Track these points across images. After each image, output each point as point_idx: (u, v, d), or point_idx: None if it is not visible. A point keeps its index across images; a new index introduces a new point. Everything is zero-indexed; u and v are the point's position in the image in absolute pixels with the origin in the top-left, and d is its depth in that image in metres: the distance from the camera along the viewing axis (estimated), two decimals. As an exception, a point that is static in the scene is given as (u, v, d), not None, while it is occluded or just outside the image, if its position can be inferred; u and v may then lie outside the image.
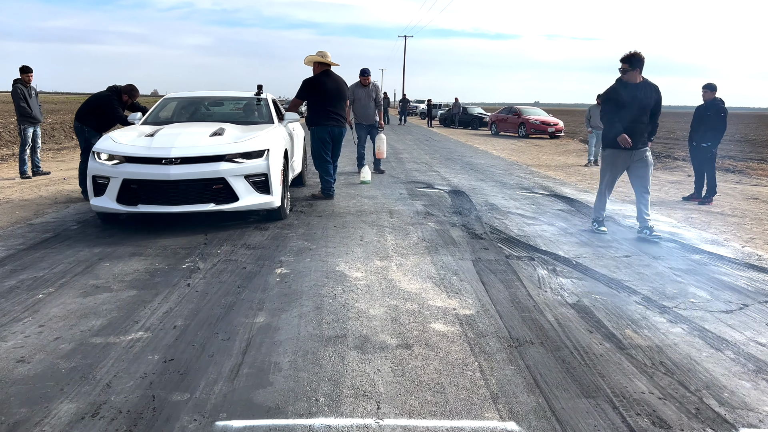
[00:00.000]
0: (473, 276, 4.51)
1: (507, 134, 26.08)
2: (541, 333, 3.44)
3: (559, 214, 7.15)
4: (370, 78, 10.07)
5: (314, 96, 7.54)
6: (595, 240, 5.82)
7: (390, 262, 4.85)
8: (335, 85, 7.65)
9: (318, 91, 7.52)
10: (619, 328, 3.55)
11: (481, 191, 8.88)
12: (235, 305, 3.76)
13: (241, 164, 5.54)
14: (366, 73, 10.03)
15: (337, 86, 7.67)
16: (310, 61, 7.67)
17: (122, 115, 7.61)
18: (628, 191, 9.43)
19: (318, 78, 7.58)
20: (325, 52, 7.65)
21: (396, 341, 3.25)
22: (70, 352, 3.04)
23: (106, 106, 7.58)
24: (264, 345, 3.17)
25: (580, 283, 4.42)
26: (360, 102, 10.00)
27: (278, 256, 4.93)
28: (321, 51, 7.69)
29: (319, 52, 7.65)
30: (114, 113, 7.58)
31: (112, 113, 7.58)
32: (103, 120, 7.67)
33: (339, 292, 4.04)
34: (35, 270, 4.47)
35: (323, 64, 7.62)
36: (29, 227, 5.97)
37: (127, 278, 4.29)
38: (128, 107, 7.99)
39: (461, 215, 6.92)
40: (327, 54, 7.65)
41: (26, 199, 7.66)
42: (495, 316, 3.69)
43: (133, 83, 8.09)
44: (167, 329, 3.35)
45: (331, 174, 7.81)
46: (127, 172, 5.33)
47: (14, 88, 9.54)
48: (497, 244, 5.53)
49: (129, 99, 7.82)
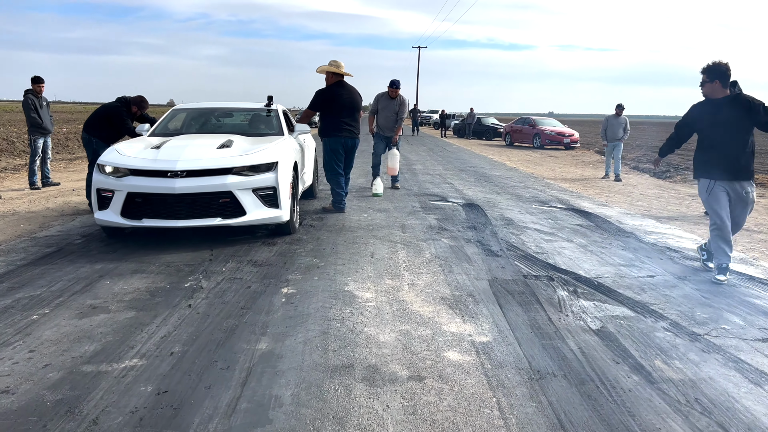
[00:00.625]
0: (489, 297, 4.27)
1: (521, 145, 25.80)
2: (563, 363, 3.19)
3: (577, 230, 6.88)
4: (398, 91, 9.59)
5: (327, 107, 7.37)
6: (617, 259, 5.55)
7: (401, 281, 4.63)
8: (349, 96, 7.48)
9: (331, 102, 7.35)
10: (647, 358, 3.30)
11: (497, 205, 8.64)
12: (237, 329, 3.55)
13: (248, 177, 5.35)
14: (395, 85, 9.53)
15: (350, 97, 7.50)
16: (323, 70, 7.51)
17: (131, 126, 7.47)
18: (648, 205, 9.14)
19: (331, 89, 7.41)
20: (339, 62, 7.48)
21: (407, 372, 3.02)
22: (58, 381, 2.84)
23: (115, 118, 7.45)
24: (265, 375, 2.95)
25: (604, 306, 4.17)
26: (384, 113, 9.66)
27: (285, 274, 4.72)
28: (334, 61, 7.51)
29: (333, 62, 7.48)
30: (123, 125, 7.45)
31: (121, 125, 7.45)
32: (112, 131, 7.53)
33: (347, 315, 3.82)
34: (33, 288, 4.30)
35: (337, 74, 7.44)
36: (32, 241, 5.82)
37: (126, 298, 4.10)
38: (137, 119, 7.86)
39: (476, 230, 6.68)
40: (341, 64, 7.47)
41: (33, 211, 7.53)
42: (513, 343, 3.45)
43: (143, 95, 7.96)
44: (164, 356, 3.15)
45: (343, 187, 7.62)
46: (131, 185, 5.16)
47: (25, 98, 9.48)
48: (514, 262, 5.29)
49: (138, 110, 7.69)
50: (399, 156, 9.77)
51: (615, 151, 13.06)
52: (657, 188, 11.81)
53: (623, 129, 13.10)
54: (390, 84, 9.61)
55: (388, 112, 9.61)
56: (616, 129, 13.05)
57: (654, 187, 12.06)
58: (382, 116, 9.69)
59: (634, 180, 13.39)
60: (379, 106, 9.66)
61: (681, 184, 12.57)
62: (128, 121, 7.51)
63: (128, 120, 7.51)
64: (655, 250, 5.94)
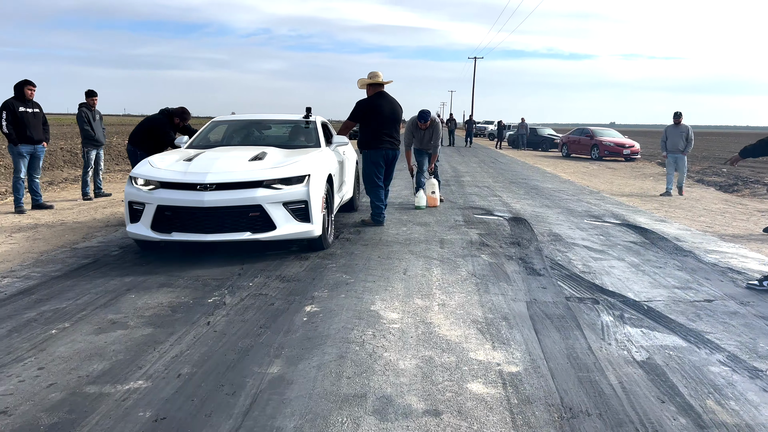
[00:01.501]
0: (525, 322, 3.96)
1: (579, 156, 25.00)
2: (600, 400, 2.86)
3: (631, 248, 6.44)
4: (428, 124, 9.08)
5: (369, 118, 7.21)
6: (672, 280, 5.12)
7: (432, 301, 4.37)
8: (390, 107, 7.32)
9: (373, 113, 7.20)
10: (698, 397, 2.93)
11: (545, 219, 8.25)
12: (252, 350, 3.39)
13: (279, 190, 5.22)
14: (425, 118, 8.98)
15: (392, 108, 7.34)
16: (363, 84, 7.37)
17: (173, 138, 7.52)
18: (711, 221, 8.54)
19: (372, 100, 7.26)
20: (377, 72, 7.32)
21: (423, 405, 2.77)
22: (58, 403, 2.73)
23: (158, 130, 7.52)
24: (270, 404, 2.76)
25: (652, 334, 3.79)
26: (418, 138, 9.28)
27: (311, 291, 4.55)
28: (372, 72, 7.36)
29: (371, 74, 7.34)
30: (165, 136, 7.51)
31: (164, 136, 7.51)
32: (155, 143, 7.60)
33: (368, 338, 3.60)
34: (59, 300, 4.28)
35: (376, 84, 7.29)
36: (72, 252, 5.88)
37: (147, 313, 4.02)
38: (180, 130, 7.92)
39: (519, 246, 6.35)
40: (379, 74, 7.31)
41: (79, 222, 7.68)
42: (546, 375, 3.14)
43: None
44: (170, 378, 3.01)
45: (382, 199, 7.43)
46: (161, 198, 5.12)
47: (79, 111, 9.76)
48: (557, 283, 4.95)
49: (180, 122, 7.74)
50: (438, 185, 9.29)
51: (678, 163, 12.07)
52: (722, 203, 11.08)
53: (684, 139, 11.95)
54: (419, 117, 9.05)
55: (423, 138, 9.25)
56: (677, 139, 12.00)
57: (719, 201, 11.33)
58: (417, 139, 9.30)
59: (698, 194, 12.63)
60: (413, 134, 9.25)
61: (749, 199, 11.75)
62: (170, 132, 7.56)
63: (170, 132, 7.57)
64: (716, 271, 5.46)
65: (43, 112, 8.58)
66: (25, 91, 8.21)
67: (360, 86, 7.46)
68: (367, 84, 7.34)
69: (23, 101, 8.20)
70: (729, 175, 15.97)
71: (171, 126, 7.64)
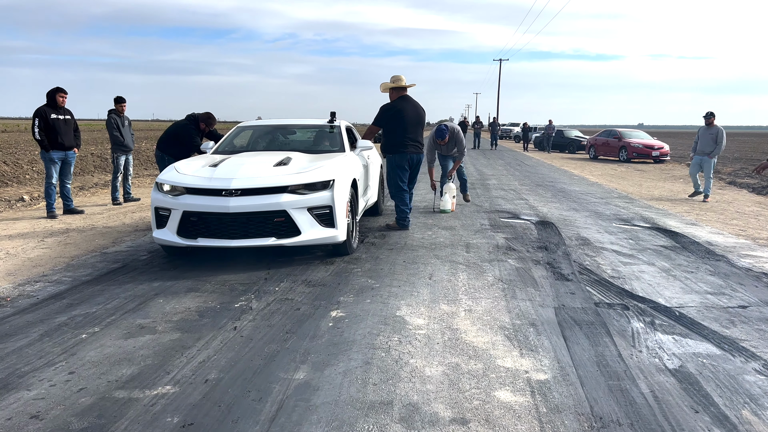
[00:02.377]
0: (554, 328, 3.90)
1: (606, 158, 24.66)
2: (631, 410, 2.80)
3: (661, 252, 6.31)
4: (446, 140, 8.91)
5: (393, 123, 7.20)
6: (704, 285, 5.00)
7: (458, 306, 4.33)
8: (414, 111, 7.30)
9: (397, 117, 7.18)
10: (733, 407, 2.85)
11: (573, 223, 8.13)
12: (278, 355, 3.40)
13: (304, 196, 5.24)
14: (442, 136, 8.79)
15: (416, 112, 7.32)
16: (386, 88, 7.36)
17: (199, 143, 7.61)
18: (744, 224, 8.34)
19: (396, 104, 7.24)
20: (400, 76, 7.30)
21: (450, 413, 2.74)
22: (88, 408, 2.77)
23: (184, 135, 7.61)
24: (297, 410, 2.76)
25: (684, 341, 3.70)
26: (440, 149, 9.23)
27: (337, 296, 4.55)
28: (395, 75, 7.34)
29: (393, 77, 7.32)
30: (191, 141, 7.60)
31: (190, 141, 7.60)
32: (183, 148, 7.70)
33: (394, 344, 3.58)
34: (90, 305, 4.35)
35: (399, 88, 7.28)
36: (102, 256, 5.98)
37: (175, 318, 4.06)
38: (207, 135, 8.01)
39: (547, 251, 6.27)
40: (401, 78, 7.30)
41: (109, 226, 7.80)
42: (575, 383, 3.08)
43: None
44: (197, 383, 3.03)
45: (407, 203, 7.41)
46: (187, 204, 5.17)
47: (109, 117, 9.94)
48: (586, 288, 4.87)
49: (206, 127, 7.82)
50: (454, 190, 9.10)
51: (704, 166, 11.57)
52: (756, 205, 10.81)
53: (714, 141, 11.44)
54: (436, 134, 8.85)
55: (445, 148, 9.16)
56: (706, 141, 11.53)
57: (752, 204, 11.05)
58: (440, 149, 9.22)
59: (730, 196, 12.35)
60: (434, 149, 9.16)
61: (784, 201, 11.45)
62: (196, 137, 7.65)
63: (196, 137, 7.66)
64: (750, 276, 5.32)
65: (75, 119, 8.75)
66: (57, 98, 8.38)
67: (383, 90, 7.44)
68: (390, 88, 7.32)
69: (55, 108, 8.38)
70: (763, 177, 15.58)
71: (197, 131, 7.73)
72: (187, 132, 7.61)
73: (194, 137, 7.60)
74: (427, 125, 23.77)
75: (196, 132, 7.67)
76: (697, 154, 11.71)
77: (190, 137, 7.57)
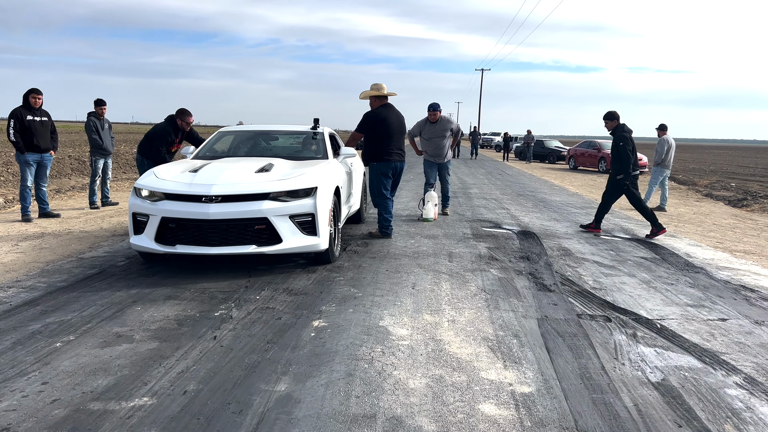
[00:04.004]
0: (537, 340, 3.89)
1: (586, 169, 24.93)
2: (615, 424, 2.79)
3: (641, 263, 6.36)
4: (438, 113, 9.15)
5: (376, 131, 7.17)
6: (684, 297, 5.04)
7: (441, 317, 4.30)
8: (397, 119, 7.31)
9: (380, 125, 7.16)
10: (716, 421, 2.85)
11: (554, 233, 8.17)
12: (259, 366, 3.33)
13: (285, 203, 5.17)
14: (434, 108, 9.09)
15: (398, 120, 7.34)
16: (366, 96, 7.34)
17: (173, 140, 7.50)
18: (722, 236, 8.45)
19: (380, 112, 7.23)
20: (381, 84, 7.30)
21: (434, 427, 2.70)
22: (62, 420, 2.68)
23: (159, 135, 7.46)
24: (278, 423, 2.70)
25: (666, 354, 3.71)
26: (431, 140, 9.23)
27: (319, 305, 4.49)
28: (376, 84, 7.33)
29: (374, 86, 7.31)
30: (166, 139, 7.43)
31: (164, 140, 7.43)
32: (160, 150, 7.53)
33: (377, 355, 3.54)
34: (65, 312, 4.24)
35: (381, 97, 7.27)
36: (78, 262, 5.85)
37: (153, 326, 3.97)
38: (187, 139, 7.85)
39: (529, 261, 6.28)
40: (383, 86, 7.29)
41: (86, 231, 7.66)
42: (559, 396, 3.07)
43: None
44: (176, 395, 2.95)
45: (390, 211, 7.38)
46: (165, 210, 5.06)
47: (88, 120, 9.77)
48: (568, 299, 4.87)
49: (182, 122, 7.61)
50: (436, 198, 9.12)
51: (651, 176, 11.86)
52: (732, 218, 10.98)
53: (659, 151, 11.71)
54: (429, 107, 9.14)
55: (435, 137, 9.22)
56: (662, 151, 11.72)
57: (729, 216, 11.23)
58: (431, 144, 9.29)
59: (707, 208, 12.54)
60: (423, 135, 9.31)
61: (759, 214, 11.65)
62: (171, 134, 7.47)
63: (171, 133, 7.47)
64: (729, 289, 5.38)
65: (52, 121, 8.59)
66: (30, 99, 8.22)
67: (362, 98, 7.42)
68: (371, 96, 7.30)
69: (30, 110, 8.22)
70: (738, 190, 15.86)
71: (173, 128, 7.55)
72: (162, 130, 7.46)
73: (169, 133, 7.42)
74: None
75: (173, 128, 7.51)
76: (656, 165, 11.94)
77: (164, 134, 7.41)
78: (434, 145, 9.26)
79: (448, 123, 9.24)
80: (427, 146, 9.37)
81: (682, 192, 16.34)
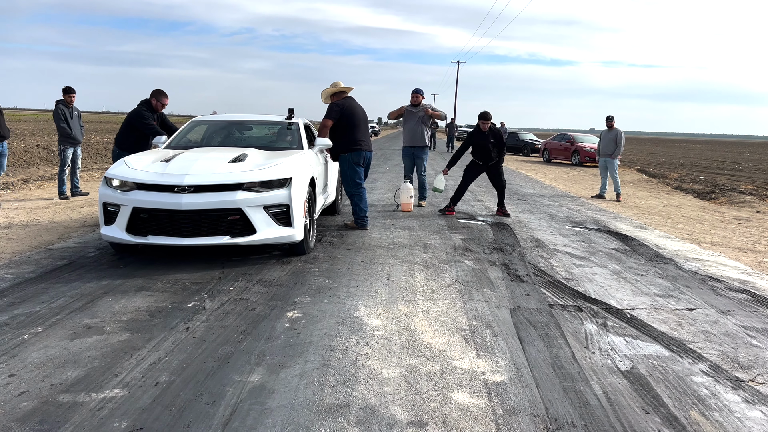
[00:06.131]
0: (509, 329, 3.94)
1: (560, 162, 25.20)
2: (585, 411, 2.84)
3: (612, 254, 6.46)
4: (421, 97, 9.54)
5: (345, 120, 7.15)
6: (653, 288, 5.14)
7: (416, 307, 4.33)
8: (361, 110, 7.42)
9: (348, 115, 7.16)
10: (682, 407, 2.92)
11: (528, 225, 8.26)
12: (232, 357, 3.31)
13: (260, 194, 5.13)
14: (416, 91, 9.52)
15: (362, 110, 7.44)
16: (327, 95, 7.43)
17: (151, 123, 7.27)
18: (690, 228, 8.63)
19: (345, 102, 7.24)
20: (337, 82, 7.52)
21: (408, 416, 2.72)
22: (30, 413, 2.64)
23: (135, 118, 7.28)
24: (251, 414, 2.69)
25: (635, 343, 3.79)
26: (409, 124, 9.62)
27: (293, 296, 4.48)
28: (334, 82, 7.52)
29: (332, 85, 7.49)
30: (144, 123, 7.21)
31: (143, 124, 7.23)
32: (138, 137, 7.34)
33: (351, 345, 3.55)
34: (33, 304, 4.16)
35: (340, 92, 7.34)
36: (47, 253, 5.73)
37: (124, 318, 3.92)
38: (161, 126, 7.66)
39: (503, 252, 6.34)
40: (339, 82, 7.48)
41: (55, 222, 7.51)
42: (531, 384, 3.11)
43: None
44: (147, 386, 2.92)
45: (365, 201, 7.38)
46: (137, 200, 4.98)
47: (56, 108, 9.56)
48: (540, 290, 4.94)
49: (157, 103, 7.46)
50: (412, 190, 9.20)
51: (608, 167, 12.36)
52: (700, 210, 11.22)
53: (614, 143, 12.32)
54: (414, 91, 9.54)
55: (412, 123, 9.57)
56: (607, 143, 12.39)
57: (697, 208, 11.46)
58: (407, 128, 9.66)
59: (677, 201, 12.78)
60: (404, 118, 9.68)
61: (726, 207, 11.91)
62: (149, 118, 7.30)
63: (149, 117, 7.31)
64: (696, 279, 5.50)
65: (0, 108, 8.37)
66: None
67: (324, 99, 7.53)
68: (331, 94, 7.39)
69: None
70: (707, 183, 16.19)
71: (149, 111, 7.40)
72: (138, 114, 7.28)
73: (146, 116, 7.27)
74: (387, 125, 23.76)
75: (148, 111, 7.37)
76: (602, 156, 12.49)
77: (141, 118, 7.23)
78: (411, 129, 9.58)
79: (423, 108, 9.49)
80: (405, 130, 9.69)
81: (653, 185, 16.62)
